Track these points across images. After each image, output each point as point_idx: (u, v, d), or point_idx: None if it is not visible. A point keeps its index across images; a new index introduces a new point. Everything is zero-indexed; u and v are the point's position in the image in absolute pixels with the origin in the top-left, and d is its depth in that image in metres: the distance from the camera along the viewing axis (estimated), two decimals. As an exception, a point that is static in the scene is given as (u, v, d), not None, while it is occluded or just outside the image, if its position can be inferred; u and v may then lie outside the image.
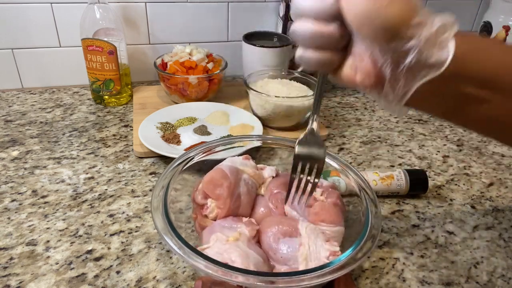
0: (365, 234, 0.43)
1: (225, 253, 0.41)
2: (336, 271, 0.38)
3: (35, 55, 0.89)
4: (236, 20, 0.99)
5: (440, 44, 0.30)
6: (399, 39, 0.29)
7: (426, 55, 0.30)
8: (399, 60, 0.31)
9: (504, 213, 0.63)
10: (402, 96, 0.33)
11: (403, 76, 0.31)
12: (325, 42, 0.33)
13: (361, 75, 0.34)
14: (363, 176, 0.52)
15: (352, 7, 0.30)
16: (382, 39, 0.30)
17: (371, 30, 0.30)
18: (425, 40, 0.29)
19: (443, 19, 0.30)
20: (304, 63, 0.35)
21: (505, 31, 1.07)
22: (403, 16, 0.29)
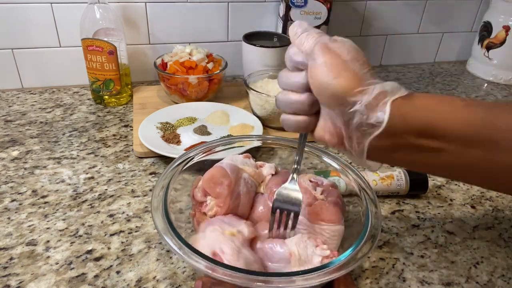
0: (365, 234, 0.43)
1: (217, 243, 0.41)
2: (336, 271, 0.38)
3: (35, 55, 0.89)
4: (236, 20, 0.99)
5: (378, 108, 0.35)
6: (345, 105, 0.36)
7: (367, 117, 0.36)
8: (349, 122, 0.37)
9: (504, 213, 0.63)
10: (361, 151, 0.38)
11: (354, 134, 0.38)
12: (300, 107, 0.40)
13: (328, 135, 0.40)
14: (363, 176, 0.52)
15: (313, 80, 0.38)
16: (334, 105, 0.37)
17: (325, 97, 0.38)
18: (366, 105, 0.35)
19: (383, 86, 0.36)
20: (286, 125, 0.43)
21: (505, 31, 1.07)
22: (348, 86, 0.36)
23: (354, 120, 0.37)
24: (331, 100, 0.37)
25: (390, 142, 0.37)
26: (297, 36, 0.40)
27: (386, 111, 0.35)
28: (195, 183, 0.51)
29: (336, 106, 0.37)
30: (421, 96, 0.37)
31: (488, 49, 1.12)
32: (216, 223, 0.46)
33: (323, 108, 0.40)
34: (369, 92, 0.36)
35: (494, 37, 1.10)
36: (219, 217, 0.48)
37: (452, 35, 1.22)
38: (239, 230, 0.44)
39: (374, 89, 0.36)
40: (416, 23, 1.16)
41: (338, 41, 0.38)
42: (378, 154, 0.39)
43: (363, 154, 0.38)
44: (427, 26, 1.17)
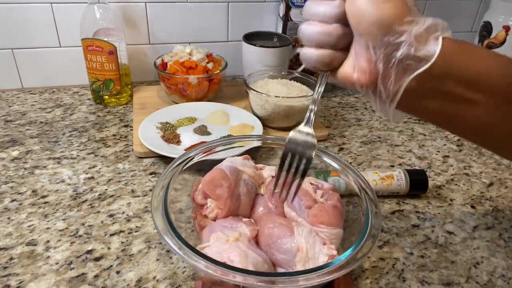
0: (365, 234, 0.43)
1: (224, 252, 0.41)
2: (336, 271, 0.38)
3: (35, 55, 0.89)
4: (236, 20, 0.99)
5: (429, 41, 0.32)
6: (392, 34, 0.33)
7: (415, 49, 0.32)
8: (391, 54, 0.33)
9: (504, 213, 0.63)
10: (394, 94, 0.35)
11: (394, 70, 0.34)
12: (327, 40, 0.36)
13: (358, 73, 0.36)
14: (363, 176, 0.52)
15: (353, 7, 0.34)
16: (377, 34, 0.33)
17: (367, 25, 0.33)
18: (415, 35, 0.32)
19: (434, 20, 0.33)
20: (307, 60, 0.38)
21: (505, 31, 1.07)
22: (397, 13, 0.32)
23: (398, 52, 0.33)
24: (375, 28, 0.33)
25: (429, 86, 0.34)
26: None
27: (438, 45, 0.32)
28: (194, 185, 0.51)
29: (379, 35, 0.33)
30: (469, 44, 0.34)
31: (488, 49, 1.12)
32: (217, 228, 0.46)
33: (358, 41, 0.35)
34: (421, 22, 0.32)
35: (494, 37, 1.10)
36: (219, 221, 0.48)
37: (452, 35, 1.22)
38: (241, 232, 0.44)
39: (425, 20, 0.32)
40: (416, 23, 1.16)
41: None
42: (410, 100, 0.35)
43: (396, 97, 0.35)
44: (427, 26, 1.17)
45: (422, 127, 0.86)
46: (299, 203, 0.48)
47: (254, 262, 0.41)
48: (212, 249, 0.42)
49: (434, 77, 0.33)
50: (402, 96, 0.35)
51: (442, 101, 0.35)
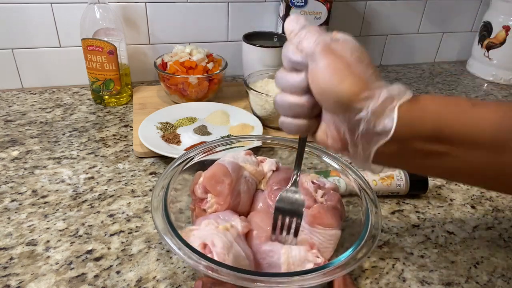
0: (365, 234, 0.43)
1: (210, 236, 0.41)
2: (336, 271, 0.38)
3: (35, 55, 0.89)
4: (236, 20, 0.99)
5: (385, 114, 0.34)
6: (351, 111, 0.34)
7: (374, 124, 0.34)
8: (354, 129, 0.35)
9: (504, 213, 0.63)
10: (366, 158, 0.37)
11: (359, 142, 0.36)
12: (300, 111, 0.38)
13: (331, 140, 0.38)
14: (363, 176, 0.52)
15: (314, 85, 0.35)
16: (338, 111, 0.35)
17: (329, 103, 0.35)
18: (372, 112, 0.33)
19: (390, 90, 0.34)
20: (285, 128, 0.40)
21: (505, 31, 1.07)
22: (353, 92, 0.33)
23: (360, 127, 0.35)
24: (335, 106, 0.35)
25: (397, 148, 0.35)
26: (294, 34, 0.37)
27: (394, 119, 0.33)
28: (195, 178, 0.51)
29: (340, 112, 0.35)
30: (427, 98, 0.35)
31: (488, 49, 1.12)
32: (211, 217, 0.46)
33: (326, 113, 0.38)
34: (376, 97, 0.33)
35: (494, 37, 1.10)
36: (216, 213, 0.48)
37: (452, 35, 1.22)
38: (232, 225, 0.44)
39: (380, 93, 0.34)
40: (416, 23, 1.16)
41: (340, 41, 0.35)
42: (383, 159, 0.37)
43: (369, 160, 0.37)
44: (427, 26, 1.17)
45: (422, 127, 0.86)
46: None
47: (236, 255, 0.41)
48: (199, 232, 0.42)
49: (398, 141, 0.35)
50: (375, 158, 0.37)
51: (413, 157, 0.37)
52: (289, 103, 0.38)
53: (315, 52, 0.35)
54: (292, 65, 0.38)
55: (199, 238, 0.41)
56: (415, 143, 0.35)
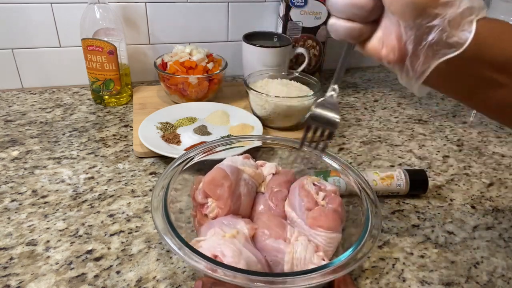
0: (365, 234, 0.43)
1: (218, 246, 0.41)
2: (336, 271, 0.38)
3: (35, 55, 0.89)
4: (236, 20, 0.99)
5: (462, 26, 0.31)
6: (425, 17, 0.31)
7: (448, 35, 0.31)
8: (422, 37, 0.32)
9: (504, 213, 0.63)
10: (420, 73, 0.34)
11: (423, 53, 0.33)
12: (357, 13, 0.35)
13: (387, 49, 0.35)
14: (363, 176, 0.52)
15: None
16: (409, 16, 0.32)
17: (401, 5, 0.32)
18: (449, 20, 0.31)
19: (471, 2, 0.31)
20: (334, 31, 0.37)
21: (505, 31, 1.07)
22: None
23: (430, 36, 0.32)
24: (408, 10, 0.32)
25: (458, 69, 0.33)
26: None
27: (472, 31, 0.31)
28: (195, 183, 0.51)
29: (411, 17, 0.32)
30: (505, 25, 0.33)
31: None
32: (216, 225, 0.46)
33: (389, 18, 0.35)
34: (456, 5, 0.31)
35: None
36: (219, 218, 0.48)
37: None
38: (239, 230, 0.44)
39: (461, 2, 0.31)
40: (416, 23, 1.16)
41: None
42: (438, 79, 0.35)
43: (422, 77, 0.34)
44: (427, 26, 1.17)
45: (422, 127, 0.86)
46: (300, 204, 0.48)
47: (248, 261, 0.41)
48: (207, 243, 0.42)
49: (464, 61, 0.33)
50: (429, 75, 0.34)
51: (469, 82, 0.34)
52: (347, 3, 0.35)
53: None
54: None
55: (208, 250, 0.41)
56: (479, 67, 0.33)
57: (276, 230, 0.45)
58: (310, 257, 0.43)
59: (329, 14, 0.93)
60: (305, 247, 0.43)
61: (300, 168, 0.59)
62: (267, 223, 0.46)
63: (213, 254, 0.40)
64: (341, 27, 0.37)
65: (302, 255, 0.43)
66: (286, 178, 0.54)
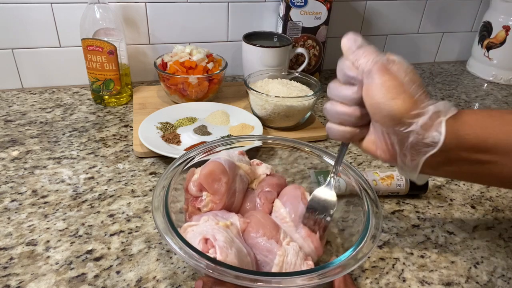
0: (366, 234, 0.43)
1: (211, 231, 0.41)
2: (336, 271, 0.38)
3: (35, 55, 0.89)
4: (236, 20, 0.99)
5: (433, 127, 0.37)
6: (402, 125, 0.37)
7: (423, 137, 0.37)
8: (403, 140, 0.38)
9: (504, 213, 0.63)
10: (414, 167, 0.40)
11: (408, 152, 0.39)
12: (347, 119, 0.42)
13: (379, 150, 0.42)
14: (364, 176, 0.52)
15: (369, 98, 0.38)
16: (389, 125, 0.38)
17: (381, 117, 0.38)
18: (421, 125, 0.37)
19: (437, 106, 0.37)
20: (331, 134, 0.44)
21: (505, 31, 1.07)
22: (405, 108, 0.37)
23: (409, 139, 0.38)
24: (387, 120, 0.38)
25: (443, 158, 0.38)
26: (352, 51, 0.40)
27: (442, 131, 0.37)
28: (188, 175, 0.50)
29: (391, 125, 0.38)
30: (471, 112, 0.38)
31: (488, 49, 1.12)
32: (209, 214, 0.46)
33: (376, 125, 0.41)
34: (425, 113, 0.37)
35: (494, 37, 1.10)
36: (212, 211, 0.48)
37: (452, 35, 1.22)
38: (232, 223, 0.44)
39: (429, 110, 0.37)
40: (416, 23, 1.16)
41: (396, 63, 0.39)
42: (430, 168, 0.40)
43: (416, 170, 0.40)
44: (427, 26, 1.17)
45: (422, 127, 0.86)
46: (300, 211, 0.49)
47: (238, 250, 0.40)
48: (199, 227, 0.42)
49: (446, 152, 0.38)
50: (422, 167, 0.39)
51: (460, 165, 0.39)
52: (338, 112, 0.42)
53: (372, 70, 0.38)
54: (347, 79, 0.41)
55: (199, 233, 0.41)
56: (460, 153, 0.38)
57: (270, 230, 0.45)
58: (300, 264, 0.43)
59: (329, 14, 0.94)
60: (296, 252, 0.43)
61: (300, 168, 0.59)
62: (261, 221, 0.46)
63: (205, 237, 0.40)
64: (335, 130, 0.43)
65: (293, 260, 0.42)
66: (279, 181, 0.53)
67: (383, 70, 0.38)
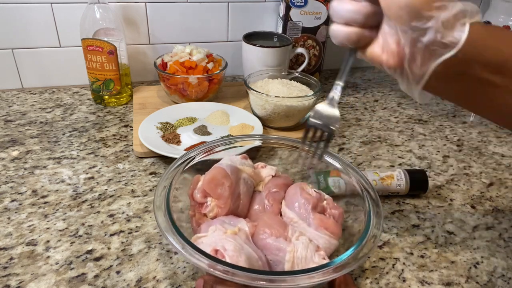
0: (367, 234, 0.43)
1: (220, 241, 0.41)
2: (336, 271, 0.38)
3: (35, 55, 0.89)
4: (236, 20, 0.99)
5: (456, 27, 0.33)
6: (420, 19, 0.33)
7: (442, 35, 0.33)
8: (418, 39, 0.34)
9: (504, 213, 0.63)
10: (420, 77, 0.36)
11: (420, 55, 0.35)
12: (356, 18, 0.37)
13: (387, 54, 0.37)
14: (365, 175, 0.52)
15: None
16: (406, 19, 0.33)
17: (396, 9, 0.33)
18: (442, 22, 0.32)
19: (464, 5, 0.33)
20: (335, 36, 0.39)
21: (505, 31, 1.07)
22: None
23: (425, 37, 0.33)
24: (404, 13, 0.33)
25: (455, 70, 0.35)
26: None
27: (465, 31, 0.33)
28: (193, 183, 0.51)
29: (407, 20, 0.33)
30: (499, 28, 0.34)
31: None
32: (217, 223, 0.46)
33: (388, 23, 0.36)
34: (449, 8, 0.32)
35: None
36: (219, 217, 0.48)
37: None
38: (240, 228, 0.44)
39: (454, 6, 0.33)
40: (416, 23, 1.16)
41: None
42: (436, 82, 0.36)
43: (422, 80, 0.36)
44: (427, 26, 1.17)
45: (422, 127, 0.86)
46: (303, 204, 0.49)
47: (249, 256, 0.41)
48: (208, 238, 0.42)
49: (460, 62, 0.34)
50: (428, 79, 0.36)
51: (468, 84, 0.36)
52: (345, 9, 0.37)
53: None
54: None
55: (209, 245, 0.41)
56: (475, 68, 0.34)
57: (277, 228, 0.45)
58: (311, 255, 0.43)
59: (329, 15, 0.94)
60: (306, 246, 0.43)
61: (300, 168, 0.59)
62: (268, 222, 0.46)
63: (214, 248, 0.40)
64: (340, 31, 0.38)
65: (303, 254, 0.42)
66: (285, 181, 0.54)
67: None
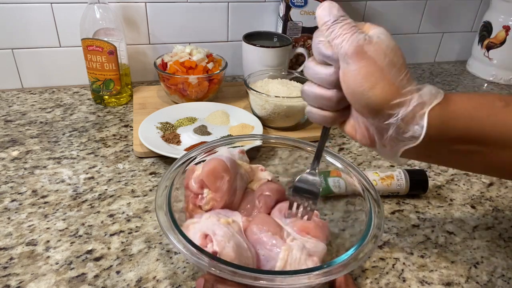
0: (368, 234, 0.43)
1: (211, 227, 0.41)
2: (337, 271, 0.38)
3: (35, 55, 0.89)
4: (236, 20, 0.99)
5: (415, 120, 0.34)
6: (380, 116, 0.35)
7: (403, 131, 0.35)
8: (383, 132, 0.36)
9: (504, 213, 0.63)
10: (393, 154, 0.38)
11: (388, 143, 0.37)
12: (326, 103, 0.39)
13: (359, 135, 0.40)
14: (366, 176, 0.51)
15: (345, 85, 0.35)
16: (368, 115, 0.36)
17: (359, 106, 0.36)
18: (402, 118, 0.34)
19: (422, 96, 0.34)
20: (313, 119, 0.41)
21: (505, 31, 1.07)
22: (384, 98, 0.34)
23: (388, 132, 0.35)
24: (365, 110, 0.35)
25: (425, 148, 0.36)
26: (327, 27, 0.35)
27: (424, 126, 0.34)
28: (188, 172, 0.50)
29: (369, 116, 0.35)
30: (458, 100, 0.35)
31: (488, 49, 1.12)
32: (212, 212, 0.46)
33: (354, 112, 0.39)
34: (407, 104, 0.33)
35: (494, 37, 1.10)
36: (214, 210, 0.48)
37: (452, 35, 1.22)
38: (234, 220, 0.44)
39: (411, 100, 0.34)
40: (416, 23, 1.16)
41: (373, 42, 0.34)
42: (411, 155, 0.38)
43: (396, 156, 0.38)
44: (427, 26, 1.17)
45: (422, 127, 0.86)
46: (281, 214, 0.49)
47: (238, 244, 0.40)
48: (200, 225, 0.42)
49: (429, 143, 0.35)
50: (402, 154, 0.37)
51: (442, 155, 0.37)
52: (315, 95, 0.38)
53: (348, 54, 0.34)
54: (322, 58, 0.37)
55: (200, 230, 0.41)
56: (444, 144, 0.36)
57: (274, 227, 0.45)
58: (305, 259, 0.43)
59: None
60: (300, 248, 0.43)
61: (300, 168, 0.59)
62: (265, 219, 0.46)
63: (204, 233, 0.40)
64: (315, 114, 0.40)
65: (297, 255, 0.42)
66: (279, 187, 0.53)
67: (359, 54, 0.33)
